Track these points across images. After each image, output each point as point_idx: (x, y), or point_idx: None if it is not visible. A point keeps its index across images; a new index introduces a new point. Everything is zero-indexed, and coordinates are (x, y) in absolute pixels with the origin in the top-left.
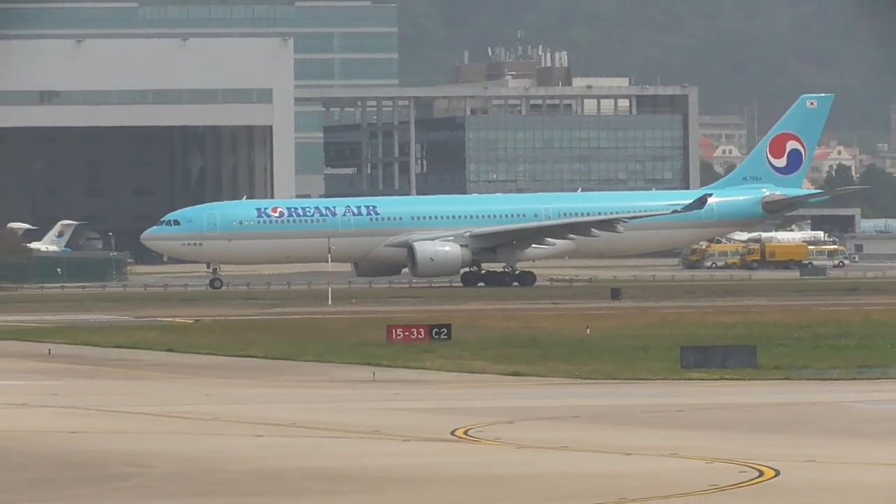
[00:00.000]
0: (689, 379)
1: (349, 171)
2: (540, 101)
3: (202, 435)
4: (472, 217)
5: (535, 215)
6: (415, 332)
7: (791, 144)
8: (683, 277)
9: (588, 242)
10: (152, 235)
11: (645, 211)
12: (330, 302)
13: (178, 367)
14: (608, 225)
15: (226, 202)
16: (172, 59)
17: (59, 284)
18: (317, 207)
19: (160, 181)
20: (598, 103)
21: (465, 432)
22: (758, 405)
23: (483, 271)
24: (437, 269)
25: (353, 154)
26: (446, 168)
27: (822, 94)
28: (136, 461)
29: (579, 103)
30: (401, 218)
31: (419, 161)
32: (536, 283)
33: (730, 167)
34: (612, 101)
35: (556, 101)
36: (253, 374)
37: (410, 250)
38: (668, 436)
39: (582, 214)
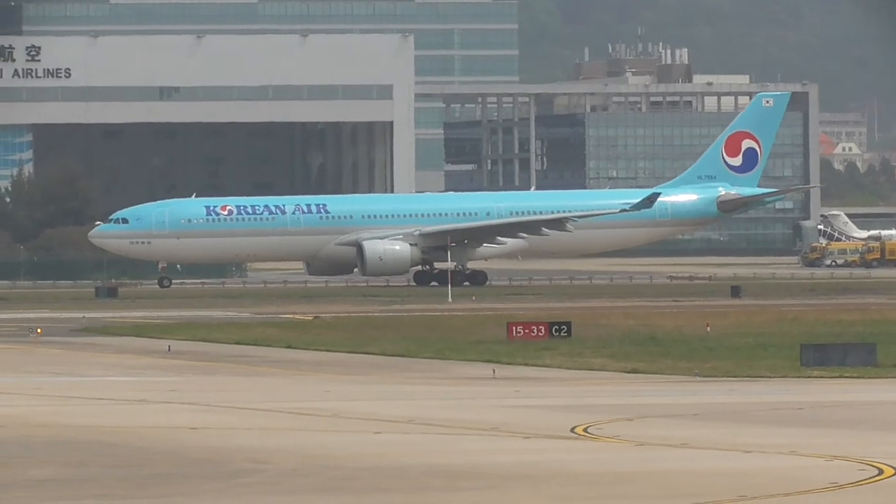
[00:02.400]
0: (809, 377)
1: (469, 167)
2: (660, 99)
3: (321, 431)
4: (422, 216)
5: (487, 214)
6: (535, 330)
7: (747, 143)
8: (803, 275)
9: (540, 241)
10: (100, 233)
11: (596, 210)
12: (450, 299)
13: (297, 363)
14: (558, 224)
15: (175, 200)
16: (293, 54)
17: (178, 281)
18: (266, 206)
19: (280, 177)
20: (719, 100)
21: (585, 429)
22: (877, 403)
23: (436, 270)
24: (386, 268)
25: (473, 150)
26: (566, 165)
27: (779, 93)
28: (256, 457)
29: (699, 100)
30: (351, 216)
31: (539, 158)
32: (488, 283)
33: (850, 165)
34: (733, 98)
35: (677, 98)
36: (372, 370)
37: (359, 249)
38: (788, 433)
39: (534, 213)
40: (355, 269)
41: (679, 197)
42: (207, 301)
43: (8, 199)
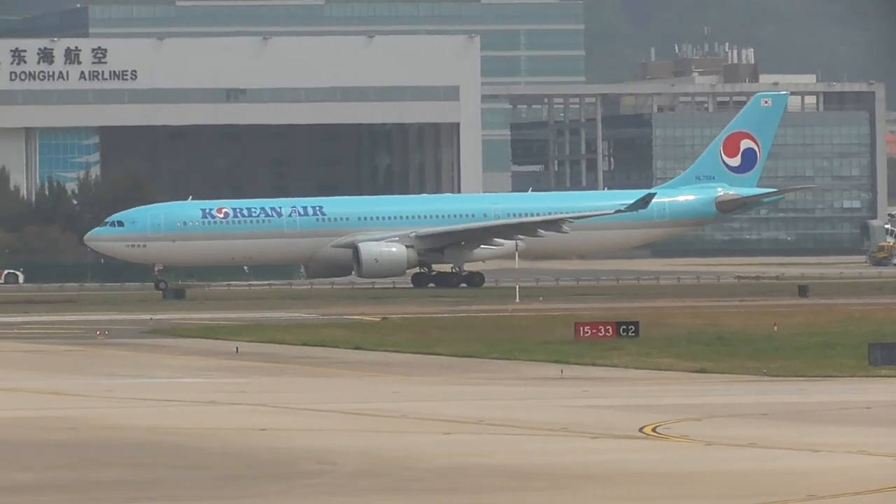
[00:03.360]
0: (877, 376)
1: (536, 168)
2: (727, 98)
3: (389, 432)
4: (419, 217)
5: (484, 215)
6: (602, 330)
7: (745, 143)
8: (870, 274)
9: (537, 243)
10: (96, 237)
11: (593, 211)
12: (517, 299)
13: (365, 364)
14: (554, 225)
15: (170, 203)
16: (359, 56)
17: (246, 282)
18: (262, 208)
19: (347, 178)
20: None
21: (653, 429)
22: None
23: (434, 272)
24: (382, 269)
25: (540, 151)
26: (633, 165)
27: (777, 93)
28: (323, 458)
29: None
30: (347, 218)
31: (606, 158)
32: (484, 284)
33: None
34: (799, 97)
35: (743, 98)
36: (440, 371)
37: (355, 251)
38: (856, 433)
39: (530, 214)
40: (353, 272)
41: (677, 197)
42: (275, 302)
43: (75, 202)
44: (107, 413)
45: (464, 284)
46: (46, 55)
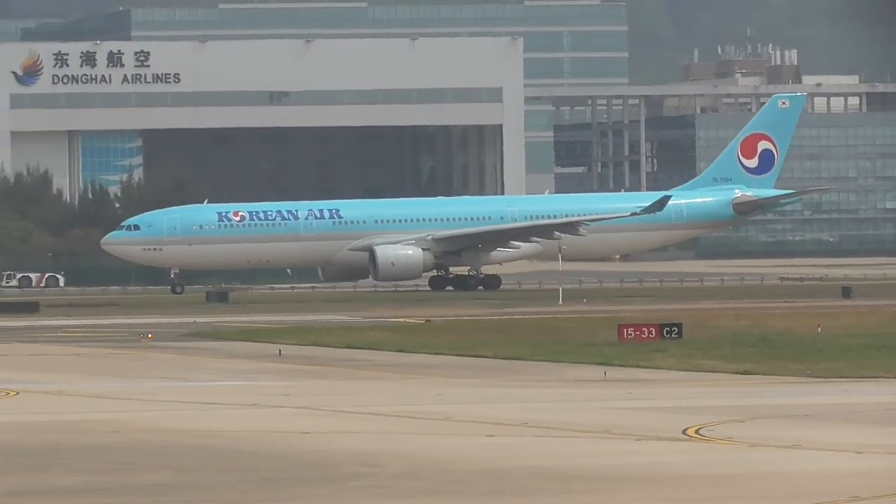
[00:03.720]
0: None
1: (579, 170)
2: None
3: (433, 435)
4: (435, 220)
5: (501, 218)
6: (646, 332)
7: (763, 145)
8: None
9: (554, 245)
10: (112, 240)
11: (609, 213)
12: (561, 301)
13: (408, 367)
14: (570, 227)
15: (186, 206)
16: (402, 58)
17: (289, 285)
18: (279, 211)
19: (390, 181)
20: (828, 101)
21: (697, 431)
22: None
23: (451, 275)
24: (398, 273)
25: (584, 153)
26: (676, 166)
27: (795, 94)
28: (367, 461)
29: (809, 101)
30: (364, 221)
31: (649, 160)
32: (501, 287)
33: None
34: (842, 98)
35: None
36: (484, 373)
37: (371, 254)
38: None
39: (547, 217)
40: (370, 275)
41: (694, 199)
42: (318, 305)
43: (118, 204)
44: (150, 416)
45: (480, 287)
46: (89, 58)
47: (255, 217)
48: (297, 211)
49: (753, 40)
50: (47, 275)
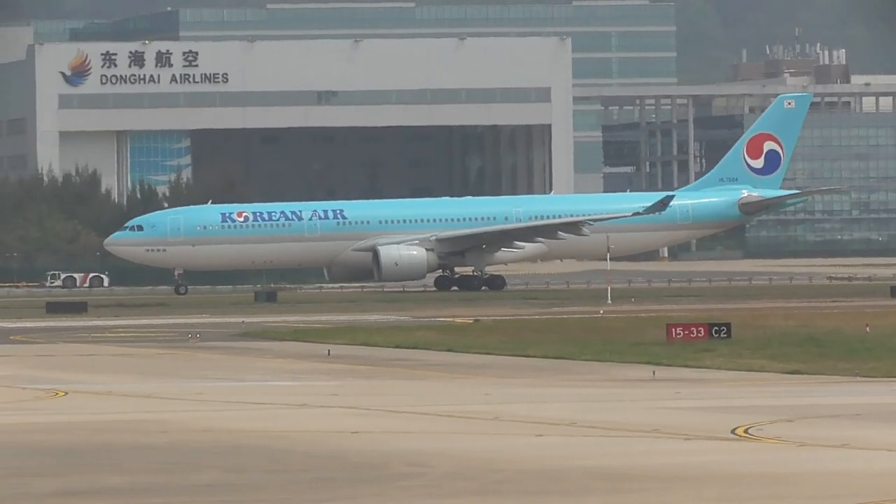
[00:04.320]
0: None
1: (628, 169)
2: (818, 100)
3: (482, 434)
4: (440, 220)
5: (506, 218)
6: (694, 331)
7: (769, 145)
8: None
9: (558, 245)
10: (115, 241)
11: (613, 213)
12: (609, 301)
13: (457, 366)
14: (573, 228)
15: (190, 207)
16: (450, 58)
17: (338, 285)
18: (283, 212)
19: (439, 181)
20: (877, 101)
21: (746, 431)
22: None
23: (457, 275)
24: (402, 273)
25: (632, 153)
26: None
27: (800, 94)
28: (416, 461)
29: (858, 101)
30: (368, 222)
31: (698, 159)
32: (506, 288)
33: None
34: (891, 98)
35: (835, 99)
36: (532, 373)
37: (375, 254)
38: None
39: (551, 217)
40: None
41: (700, 200)
42: (367, 305)
43: (166, 204)
44: (199, 416)
45: (485, 288)
46: (137, 58)
47: (258, 218)
48: (300, 211)
49: (801, 40)
50: (91, 275)
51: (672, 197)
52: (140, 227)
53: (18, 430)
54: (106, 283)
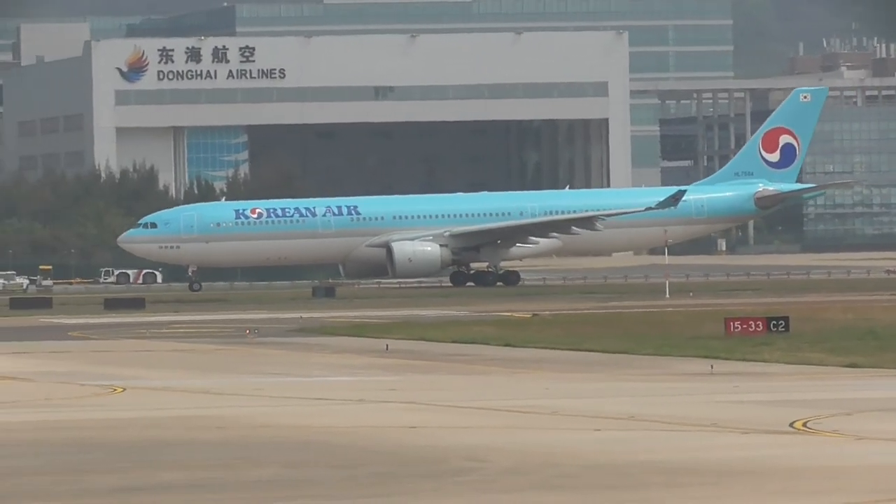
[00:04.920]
0: None
1: (685, 163)
2: (876, 93)
3: (540, 429)
4: (454, 216)
5: (521, 213)
6: (752, 325)
7: (784, 139)
8: None
9: (573, 241)
10: (129, 238)
11: (627, 208)
12: (667, 295)
13: (515, 361)
14: (587, 223)
15: (203, 203)
16: (507, 53)
17: (396, 280)
18: (297, 208)
19: (496, 175)
20: None
21: (804, 424)
22: None
23: (472, 271)
24: (415, 269)
25: (689, 147)
26: None
27: (816, 88)
28: (474, 456)
29: None
30: (382, 218)
31: None
32: (520, 283)
33: None
34: None
35: (892, 92)
36: (591, 367)
37: (389, 251)
38: None
39: (566, 212)
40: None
41: (715, 194)
42: (424, 300)
43: (224, 199)
44: (256, 412)
45: (500, 283)
46: (194, 54)
47: (272, 214)
48: (314, 208)
49: (858, 33)
50: (144, 271)
51: (684, 192)
52: (154, 225)
53: (76, 426)
54: (159, 279)
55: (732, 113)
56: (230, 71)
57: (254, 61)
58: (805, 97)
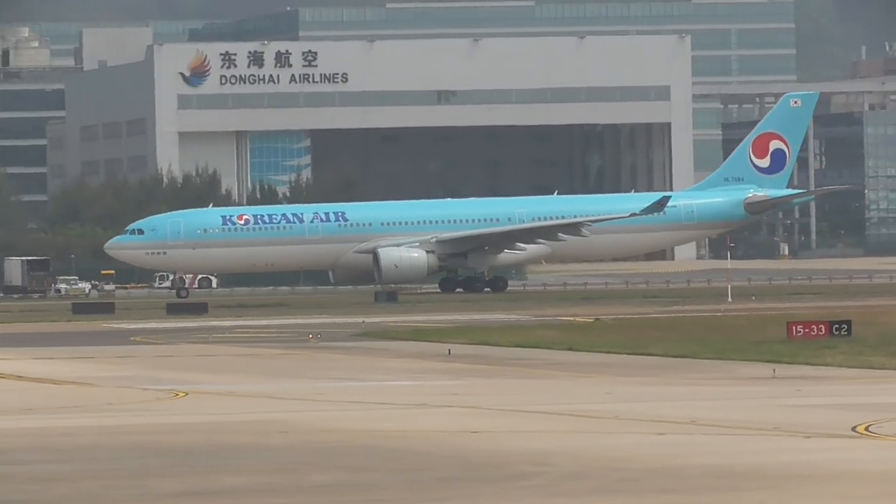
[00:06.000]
0: None
1: None
2: None
3: (602, 433)
4: (441, 222)
5: (509, 219)
6: (815, 329)
7: (774, 144)
8: None
9: (562, 247)
10: (116, 245)
11: (614, 214)
12: (730, 299)
13: (577, 365)
14: (573, 229)
15: (190, 210)
16: (570, 57)
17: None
18: (284, 214)
19: (559, 179)
20: None
21: (866, 428)
22: None
23: (461, 277)
24: (401, 275)
25: None
26: (844, 163)
27: (807, 93)
28: (536, 460)
29: None
30: (369, 224)
31: (817, 157)
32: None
33: None
34: None
35: None
36: (653, 372)
37: (375, 257)
38: None
39: (554, 218)
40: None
41: (705, 200)
42: (486, 304)
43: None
44: (319, 416)
45: (487, 289)
46: (257, 59)
47: (259, 220)
48: (302, 214)
49: None
50: (199, 276)
51: (668, 198)
52: (140, 231)
53: (139, 431)
54: (214, 283)
55: None
56: (293, 75)
57: (316, 66)
58: (795, 102)
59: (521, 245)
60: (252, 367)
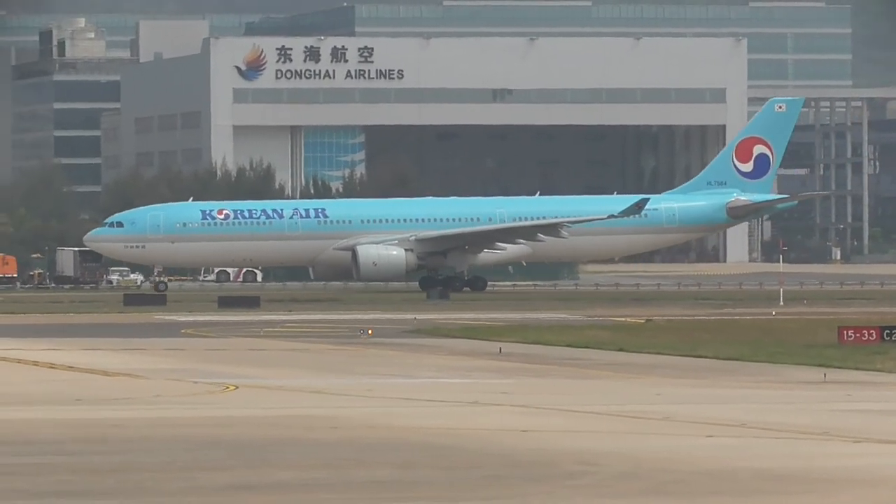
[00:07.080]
0: None
1: (802, 171)
2: None
3: (652, 434)
4: (422, 220)
5: (490, 219)
6: (866, 334)
7: (758, 149)
8: None
9: (541, 247)
10: (95, 237)
11: (594, 215)
12: (781, 302)
13: (628, 366)
14: (552, 229)
15: (170, 203)
16: (625, 58)
17: (510, 283)
18: (263, 210)
19: (613, 180)
20: None
21: None
22: None
23: (441, 276)
24: (380, 273)
25: (807, 155)
26: None
27: (792, 98)
28: (586, 460)
29: None
30: (350, 221)
31: (872, 162)
32: (487, 289)
33: None
34: None
35: None
36: (703, 374)
37: (353, 254)
38: None
39: (534, 218)
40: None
41: (687, 203)
42: (539, 303)
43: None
44: (369, 413)
45: (467, 288)
46: (313, 54)
47: (239, 215)
48: (282, 210)
49: None
50: (244, 270)
51: (647, 200)
52: (120, 224)
53: (189, 423)
54: (259, 277)
55: (850, 122)
56: (348, 71)
57: (372, 62)
58: (780, 107)
59: (502, 245)
60: (303, 362)
